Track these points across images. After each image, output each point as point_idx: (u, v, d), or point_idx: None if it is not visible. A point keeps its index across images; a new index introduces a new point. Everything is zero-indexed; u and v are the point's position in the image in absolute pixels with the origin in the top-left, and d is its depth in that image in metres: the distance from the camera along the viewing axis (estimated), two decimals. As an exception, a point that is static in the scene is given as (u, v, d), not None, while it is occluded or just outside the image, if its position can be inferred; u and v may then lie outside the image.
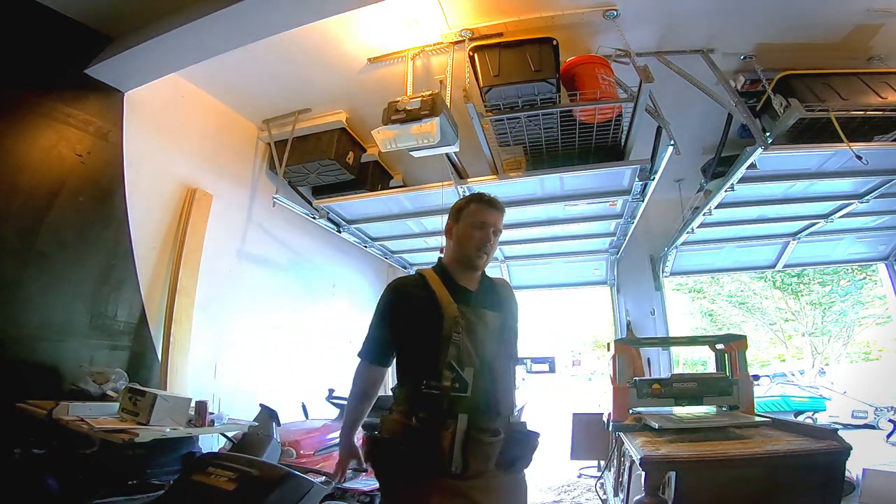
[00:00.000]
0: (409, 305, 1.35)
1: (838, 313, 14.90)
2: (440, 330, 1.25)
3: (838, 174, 3.37)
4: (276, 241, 4.36)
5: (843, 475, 1.74)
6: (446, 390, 1.20)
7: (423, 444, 1.18)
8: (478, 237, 1.41)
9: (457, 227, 1.46)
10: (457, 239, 1.45)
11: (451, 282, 1.38)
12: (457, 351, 1.24)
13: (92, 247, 2.81)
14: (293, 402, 3.78)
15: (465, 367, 1.23)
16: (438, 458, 1.16)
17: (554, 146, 3.18)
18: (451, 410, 1.20)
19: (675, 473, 1.72)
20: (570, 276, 5.97)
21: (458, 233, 1.45)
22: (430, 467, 1.17)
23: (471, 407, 1.21)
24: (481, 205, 1.45)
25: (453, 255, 1.46)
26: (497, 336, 1.34)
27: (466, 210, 1.45)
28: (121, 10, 2.73)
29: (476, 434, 1.19)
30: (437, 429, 1.18)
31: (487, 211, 1.44)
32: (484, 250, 1.41)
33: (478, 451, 1.18)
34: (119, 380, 2.54)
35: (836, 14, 2.79)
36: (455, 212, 1.49)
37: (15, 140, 2.52)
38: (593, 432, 3.28)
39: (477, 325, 1.30)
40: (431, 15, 2.78)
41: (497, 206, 1.47)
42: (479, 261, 1.42)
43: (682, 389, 2.46)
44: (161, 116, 3.29)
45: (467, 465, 1.17)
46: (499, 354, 1.32)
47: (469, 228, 1.42)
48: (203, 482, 1.81)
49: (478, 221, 1.42)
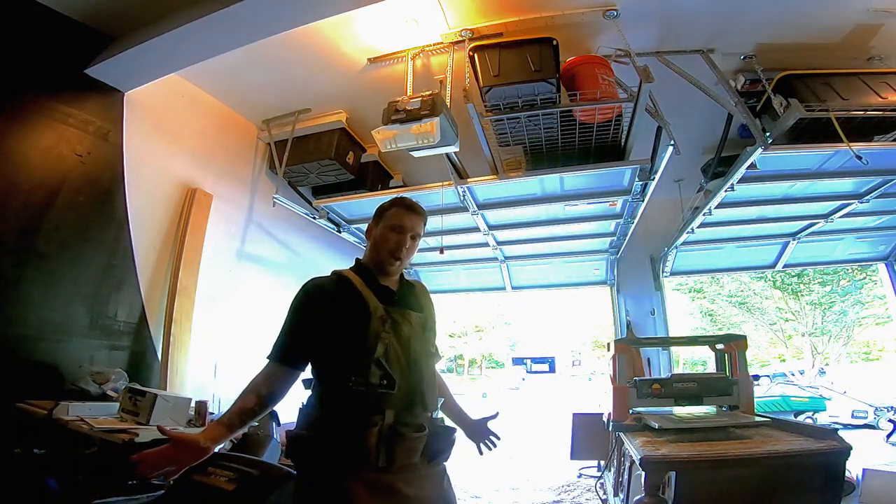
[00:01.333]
0: (332, 304, 1.32)
1: (838, 313, 14.92)
2: (367, 328, 1.27)
3: (838, 174, 3.37)
4: (276, 241, 4.35)
5: (843, 475, 1.74)
6: (374, 387, 1.22)
7: (348, 439, 1.19)
8: (393, 241, 1.40)
9: (375, 228, 1.46)
10: (374, 241, 1.45)
11: (374, 282, 1.39)
12: (384, 348, 1.26)
13: (92, 247, 2.81)
14: (293, 402, 3.77)
15: (393, 365, 1.26)
16: (365, 453, 1.17)
17: (554, 146, 3.18)
18: (378, 406, 1.22)
19: (675, 473, 1.72)
20: (570, 276, 5.97)
21: (376, 234, 1.45)
22: (356, 462, 1.18)
23: (397, 403, 1.24)
24: (401, 208, 1.44)
25: (370, 257, 1.45)
26: (420, 334, 1.37)
27: (388, 213, 1.45)
28: (121, 10, 2.74)
29: (402, 429, 1.22)
30: (364, 425, 1.19)
31: (407, 215, 1.43)
32: (397, 255, 1.40)
33: (403, 445, 1.21)
34: (119, 380, 2.55)
35: (836, 14, 2.78)
36: (377, 213, 1.48)
37: (15, 140, 2.52)
38: (593, 432, 3.28)
39: (402, 323, 1.32)
40: (431, 15, 2.78)
41: (418, 210, 1.46)
42: (392, 266, 1.41)
43: (682, 389, 2.46)
44: (161, 116, 3.29)
45: (393, 459, 1.19)
46: (423, 352, 1.35)
47: (386, 231, 1.42)
48: (203, 482, 1.81)
49: (396, 225, 1.41)
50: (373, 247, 1.45)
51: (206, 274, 3.38)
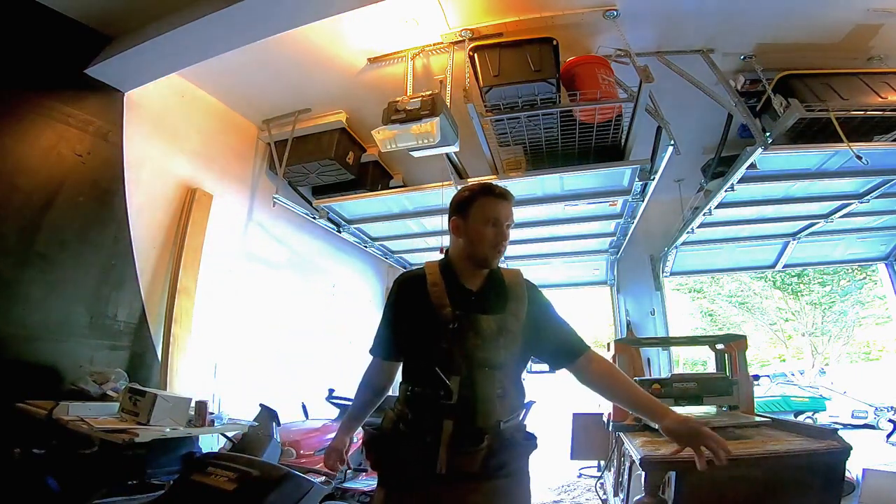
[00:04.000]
0: (408, 305, 1.31)
1: (838, 313, 14.91)
2: (432, 335, 1.24)
3: (838, 174, 3.37)
4: (276, 241, 4.35)
5: (843, 475, 1.74)
6: (432, 396, 1.21)
7: (410, 444, 1.21)
8: (492, 235, 1.28)
9: (466, 224, 1.30)
10: (468, 237, 1.30)
11: (454, 281, 1.31)
12: (443, 357, 1.22)
13: (92, 247, 2.81)
14: (293, 402, 3.78)
15: (451, 376, 1.21)
16: (423, 460, 1.17)
17: (554, 146, 3.18)
18: (438, 415, 1.19)
19: (675, 473, 1.72)
20: (570, 276, 5.98)
21: (468, 230, 1.30)
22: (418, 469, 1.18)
23: (456, 413, 1.19)
24: (493, 197, 1.30)
25: (463, 253, 1.32)
26: (490, 341, 1.24)
27: (477, 204, 1.30)
28: (121, 10, 2.73)
29: (460, 441, 1.18)
30: (424, 432, 1.19)
31: (501, 204, 1.30)
32: (500, 248, 1.30)
33: (462, 457, 1.18)
34: (119, 380, 2.54)
35: (836, 14, 2.78)
36: (461, 206, 1.32)
37: (15, 140, 2.52)
38: (593, 432, 3.27)
39: (468, 331, 1.24)
40: (431, 15, 2.78)
41: (508, 197, 1.33)
42: (495, 260, 1.31)
43: (682, 389, 2.46)
44: (161, 116, 3.28)
45: (451, 469, 1.16)
46: (492, 361, 1.24)
47: (482, 226, 1.28)
48: (203, 482, 1.81)
49: (492, 217, 1.28)
50: (468, 243, 1.30)
51: (206, 274, 3.37)
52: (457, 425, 1.18)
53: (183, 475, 1.96)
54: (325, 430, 3.39)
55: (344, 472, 3.19)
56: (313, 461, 3.07)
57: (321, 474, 2.19)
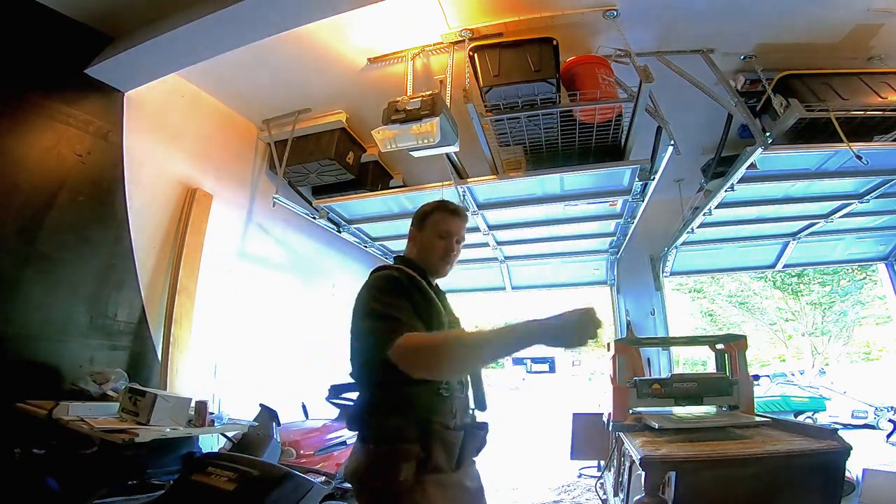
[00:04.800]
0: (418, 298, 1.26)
1: (838, 313, 14.93)
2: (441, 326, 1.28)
3: (838, 174, 3.37)
4: (276, 241, 4.35)
5: (843, 475, 1.74)
6: (453, 391, 1.24)
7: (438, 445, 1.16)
8: (441, 247, 1.41)
9: (420, 234, 1.45)
10: (420, 246, 1.44)
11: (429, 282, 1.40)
12: None
13: (92, 247, 2.81)
14: (293, 402, 3.78)
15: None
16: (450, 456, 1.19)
17: (554, 146, 3.18)
18: (452, 409, 1.23)
19: (675, 473, 1.72)
20: (570, 276, 5.97)
21: (421, 240, 1.44)
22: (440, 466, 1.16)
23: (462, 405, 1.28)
24: (446, 213, 1.44)
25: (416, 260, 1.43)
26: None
27: (431, 218, 1.44)
28: (121, 10, 2.73)
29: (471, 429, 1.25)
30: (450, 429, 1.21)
31: (452, 220, 1.43)
32: (447, 260, 1.42)
33: (471, 445, 1.25)
34: (119, 380, 2.54)
35: (836, 14, 2.78)
36: (419, 218, 1.47)
37: (15, 140, 2.52)
38: (593, 432, 3.28)
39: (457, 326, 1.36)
40: (431, 15, 2.78)
41: (461, 215, 1.46)
42: (443, 270, 1.43)
43: (682, 389, 2.46)
44: (161, 116, 3.28)
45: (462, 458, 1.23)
46: None
47: (434, 237, 1.42)
48: (203, 482, 1.82)
49: (442, 230, 1.41)
50: (419, 252, 1.44)
51: (206, 274, 3.37)
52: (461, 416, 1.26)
53: (183, 475, 1.96)
54: (325, 430, 3.39)
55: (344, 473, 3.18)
56: (313, 461, 3.07)
57: (321, 474, 2.19)
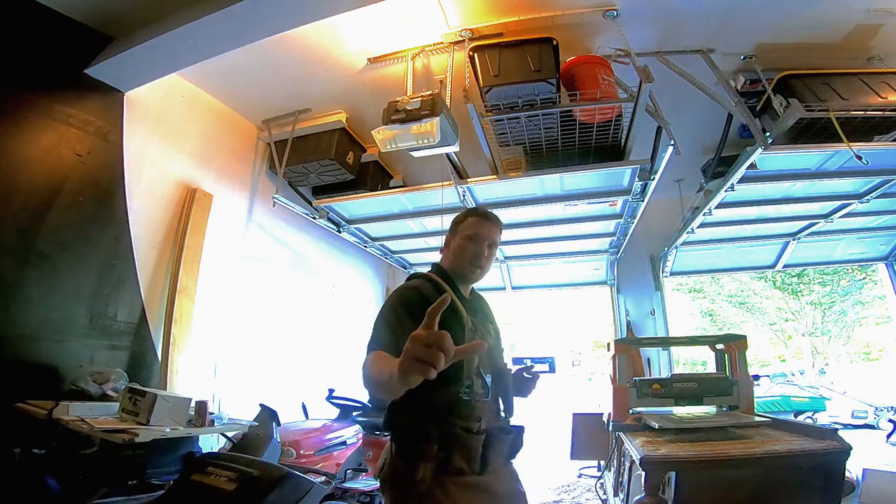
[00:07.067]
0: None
1: (838, 313, 14.92)
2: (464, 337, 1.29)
3: (838, 174, 3.37)
4: (276, 241, 4.35)
5: (843, 475, 1.74)
6: (477, 395, 1.28)
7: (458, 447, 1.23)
8: (471, 250, 1.43)
9: (453, 239, 1.50)
10: (452, 251, 1.48)
11: (456, 290, 1.41)
12: (478, 358, 1.30)
13: (92, 247, 2.81)
14: (293, 402, 3.78)
15: (486, 374, 1.32)
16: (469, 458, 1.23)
17: (554, 146, 3.18)
18: (476, 414, 1.27)
19: (675, 473, 1.72)
20: (570, 276, 5.97)
21: (453, 245, 1.48)
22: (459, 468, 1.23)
23: (488, 410, 1.32)
24: (477, 217, 1.48)
25: (449, 266, 1.48)
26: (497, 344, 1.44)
27: (463, 223, 1.49)
28: (121, 10, 2.74)
29: (496, 434, 1.29)
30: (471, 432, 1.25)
31: (482, 223, 1.47)
32: (477, 263, 1.43)
33: (496, 449, 1.28)
34: (119, 380, 2.54)
35: (836, 14, 2.78)
36: (453, 225, 1.53)
37: (15, 140, 2.52)
38: (593, 432, 3.27)
39: (485, 333, 1.38)
40: (431, 15, 2.78)
41: (492, 218, 1.50)
42: (473, 274, 1.45)
43: (682, 389, 2.46)
44: (161, 116, 3.28)
45: (487, 461, 1.26)
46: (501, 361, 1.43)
47: (464, 241, 1.45)
48: (203, 482, 1.82)
49: (472, 234, 1.45)
50: (452, 256, 1.48)
51: (206, 274, 3.37)
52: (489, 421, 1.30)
53: (183, 475, 1.96)
54: (325, 430, 3.39)
55: (344, 472, 3.19)
56: (313, 461, 3.07)
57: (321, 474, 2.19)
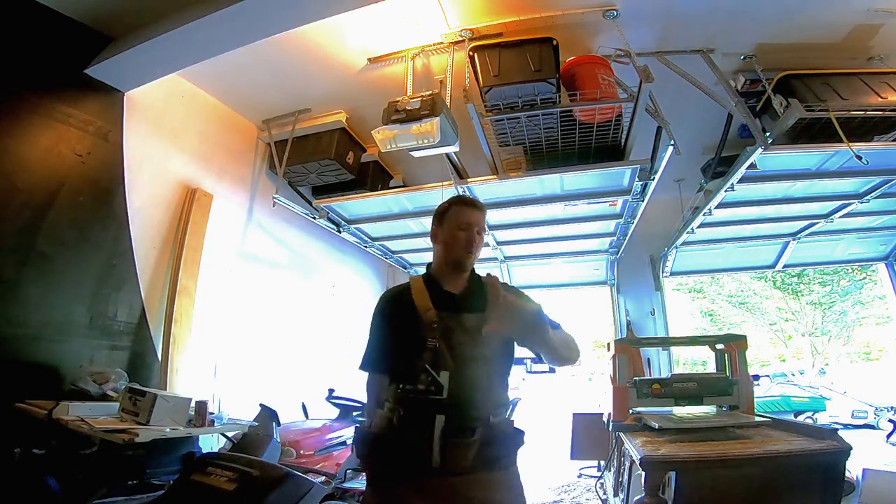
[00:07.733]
0: (395, 312, 1.41)
1: (838, 313, 14.92)
2: (416, 335, 1.32)
3: (838, 174, 3.37)
4: (276, 241, 4.35)
5: (843, 475, 1.74)
6: (421, 392, 1.27)
7: (403, 440, 1.27)
8: (463, 238, 1.44)
9: (441, 230, 1.49)
10: (443, 243, 1.48)
11: (436, 287, 1.43)
12: (432, 355, 1.29)
13: (92, 247, 2.81)
14: (293, 402, 3.78)
15: (441, 371, 1.28)
16: (417, 454, 1.23)
17: (554, 146, 3.18)
18: (428, 412, 1.26)
19: (675, 473, 1.72)
20: (570, 276, 5.97)
21: (443, 236, 1.48)
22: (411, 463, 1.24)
23: (447, 408, 1.26)
24: (462, 206, 1.49)
25: (441, 259, 1.49)
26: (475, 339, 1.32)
27: (448, 213, 1.49)
28: (121, 10, 2.73)
29: (452, 435, 1.24)
30: (416, 428, 1.25)
31: (469, 212, 1.48)
32: (470, 250, 1.45)
33: (455, 450, 1.24)
34: (119, 380, 2.54)
35: (836, 14, 2.79)
36: (438, 216, 1.53)
37: (15, 140, 2.52)
38: (593, 432, 3.27)
39: (455, 329, 1.34)
40: (431, 15, 2.78)
41: (478, 206, 1.51)
42: (467, 261, 1.46)
43: (682, 389, 2.46)
44: (161, 116, 3.29)
45: (445, 462, 1.22)
46: (479, 356, 1.33)
47: (454, 230, 1.46)
48: (203, 482, 1.81)
49: (462, 223, 1.45)
50: (443, 248, 1.48)
51: (206, 274, 3.37)
52: (448, 419, 1.25)
53: (183, 475, 1.96)
54: (325, 430, 3.38)
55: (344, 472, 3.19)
56: (313, 461, 3.06)
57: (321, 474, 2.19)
